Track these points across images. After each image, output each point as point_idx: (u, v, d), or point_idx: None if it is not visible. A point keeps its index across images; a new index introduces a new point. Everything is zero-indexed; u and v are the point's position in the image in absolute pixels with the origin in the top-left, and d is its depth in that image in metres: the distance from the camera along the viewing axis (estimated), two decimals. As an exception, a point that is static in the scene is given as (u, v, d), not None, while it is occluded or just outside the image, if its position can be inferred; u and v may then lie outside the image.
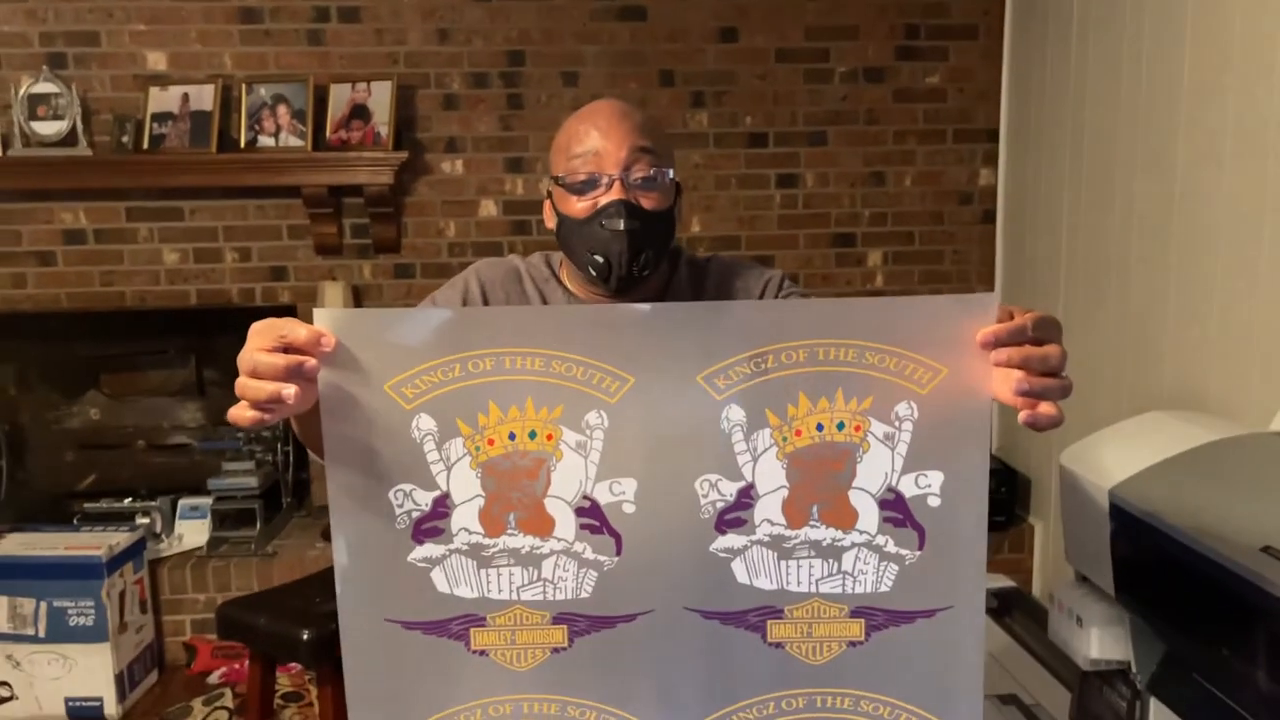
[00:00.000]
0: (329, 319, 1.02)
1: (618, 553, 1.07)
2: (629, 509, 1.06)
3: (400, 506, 1.06)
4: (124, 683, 2.91)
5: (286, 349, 1.00)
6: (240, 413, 1.01)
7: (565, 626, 1.08)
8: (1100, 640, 1.87)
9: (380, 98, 3.15)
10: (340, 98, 3.15)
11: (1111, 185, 2.68)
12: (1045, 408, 0.98)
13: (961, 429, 1.03)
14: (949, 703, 1.08)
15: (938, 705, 1.08)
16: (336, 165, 3.14)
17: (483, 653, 1.08)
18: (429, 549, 1.07)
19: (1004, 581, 3.02)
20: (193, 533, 3.25)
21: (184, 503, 3.30)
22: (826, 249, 3.42)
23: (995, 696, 2.39)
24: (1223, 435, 1.84)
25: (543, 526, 1.07)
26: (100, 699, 2.87)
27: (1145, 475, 1.80)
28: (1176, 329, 2.40)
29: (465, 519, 1.06)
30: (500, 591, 1.08)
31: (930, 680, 1.08)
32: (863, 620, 1.07)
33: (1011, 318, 1.01)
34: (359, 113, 3.15)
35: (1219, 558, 1.54)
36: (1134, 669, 1.85)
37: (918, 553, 1.05)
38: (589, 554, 1.07)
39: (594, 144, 1.32)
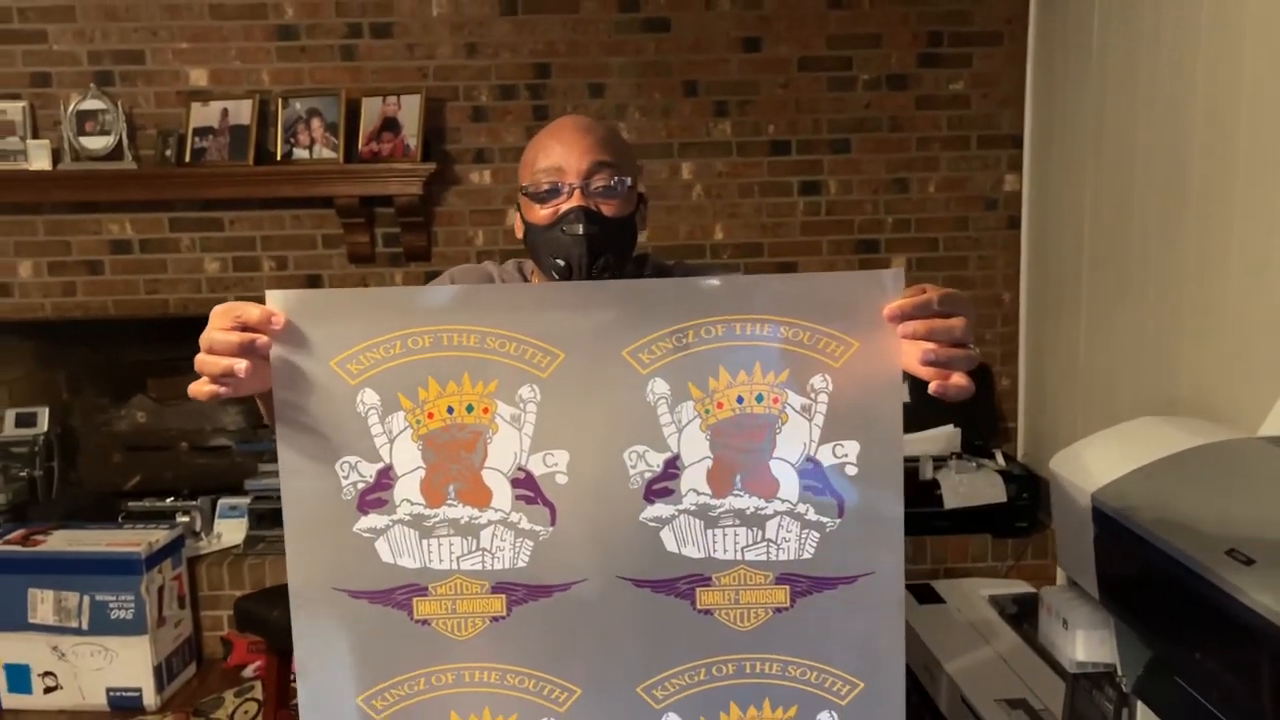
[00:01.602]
0: (280, 299, 1.09)
1: (552, 523, 1.11)
2: (562, 480, 1.11)
3: (346, 478, 1.12)
4: (163, 674, 3.01)
5: (243, 328, 1.08)
6: (199, 387, 1.08)
7: (504, 596, 1.13)
8: (1086, 643, 1.86)
9: (410, 110, 3.25)
10: (372, 111, 3.26)
11: (1130, 190, 2.66)
12: (956, 378, 1.02)
13: (875, 400, 1.06)
14: (873, 666, 1.11)
15: (862, 669, 1.11)
16: (368, 176, 3.24)
17: (425, 622, 1.13)
18: (373, 519, 1.12)
19: (1023, 587, 3.00)
20: (231, 531, 3.37)
21: (223, 502, 3.42)
22: (850, 255, 3.44)
23: (1005, 700, 2.38)
24: (1210, 440, 1.83)
25: (480, 497, 1.12)
26: (140, 689, 2.98)
27: (1127, 480, 1.80)
28: (1193, 333, 2.38)
29: (407, 490, 1.12)
30: (441, 561, 1.13)
31: (854, 644, 1.11)
32: (788, 587, 1.10)
33: (924, 294, 1.04)
34: (389, 125, 3.25)
35: (1187, 560, 1.53)
36: (1119, 672, 1.84)
37: (837, 520, 1.09)
38: (525, 524, 1.12)
39: (556, 157, 1.41)
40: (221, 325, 1.08)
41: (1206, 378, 2.32)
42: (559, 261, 1.39)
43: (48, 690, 2.98)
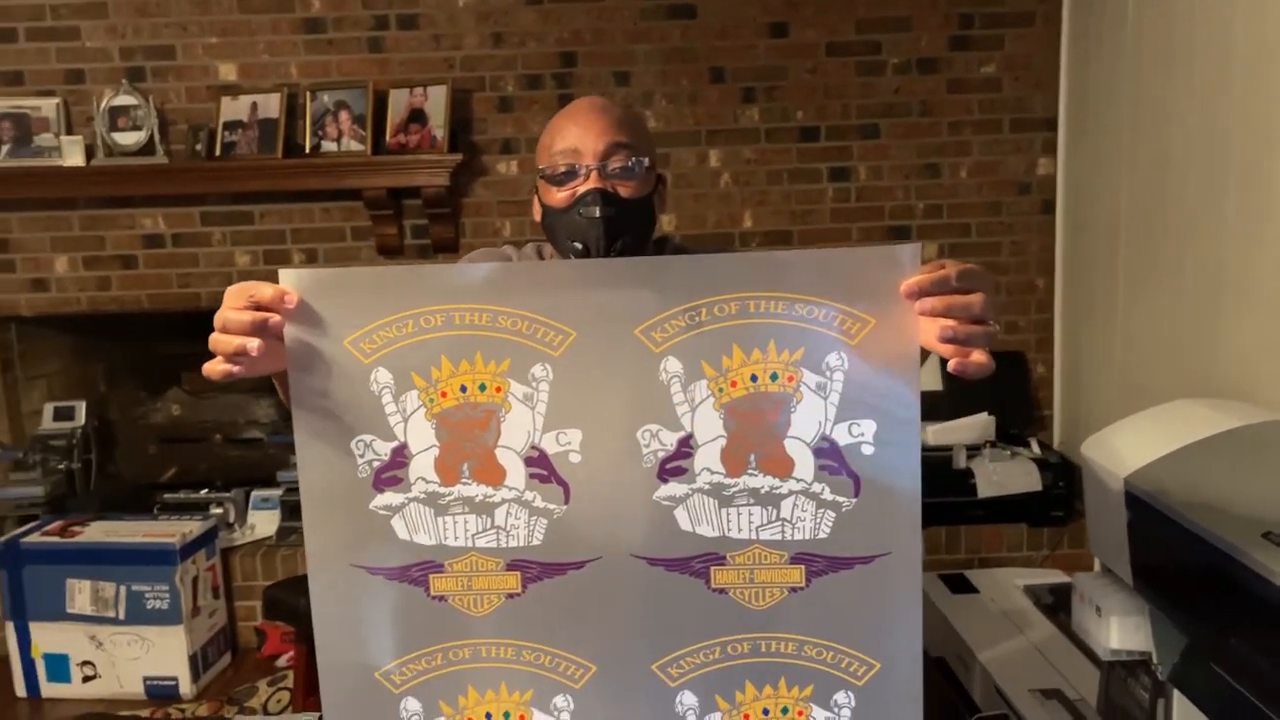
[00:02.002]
0: (293, 278, 1.09)
1: (566, 501, 1.11)
2: (575, 459, 1.10)
3: (362, 456, 1.12)
4: (198, 663, 3.05)
5: (256, 307, 1.08)
6: (213, 366, 1.09)
7: (519, 573, 1.12)
8: (1120, 630, 1.83)
9: (436, 101, 3.25)
10: (399, 102, 3.26)
11: (1167, 172, 2.61)
12: (975, 355, 1.00)
13: (892, 378, 1.04)
14: (890, 647, 1.10)
15: (879, 649, 1.10)
16: (395, 168, 3.24)
17: (441, 598, 1.13)
18: (389, 497, 1.12)
19: (1059, 577, 2.95)
20: (264, 523, 3.40)
21: (256, 494, 3.45)
22: (881, 241, 3.40)
23: (1039, 690, 2.35)
24: (1245, 422, 1.78)
25: (494, 475, 1.11)
26: (176, 678, 3.01)
27: (1161, 463, 1.76)
28: (1231, 315, 2.33)
29: (422, 468, 1.12)
30: (456, 539, 1.13)
31: (871, 625, 1.10)
32: (803, 566, 1.09)
33: (942, 269, 1.02)
34: (416, 117, 3.26)
35: (1222, 543, 1.50)
36: (1155, 659, 1.80)
37: (854, 500, 1.07)
38: (539, 502, 1.11)
39: (572, 139, 1.40)
40: (235, 304, 1.08)
41: (1244, 360, 2.27)
42: (577, 244, 1.38)
43: (86, 679, 3.02)
